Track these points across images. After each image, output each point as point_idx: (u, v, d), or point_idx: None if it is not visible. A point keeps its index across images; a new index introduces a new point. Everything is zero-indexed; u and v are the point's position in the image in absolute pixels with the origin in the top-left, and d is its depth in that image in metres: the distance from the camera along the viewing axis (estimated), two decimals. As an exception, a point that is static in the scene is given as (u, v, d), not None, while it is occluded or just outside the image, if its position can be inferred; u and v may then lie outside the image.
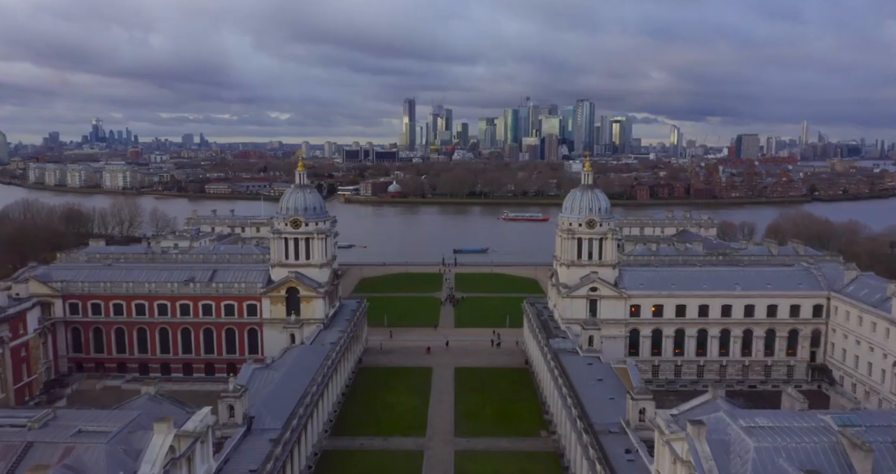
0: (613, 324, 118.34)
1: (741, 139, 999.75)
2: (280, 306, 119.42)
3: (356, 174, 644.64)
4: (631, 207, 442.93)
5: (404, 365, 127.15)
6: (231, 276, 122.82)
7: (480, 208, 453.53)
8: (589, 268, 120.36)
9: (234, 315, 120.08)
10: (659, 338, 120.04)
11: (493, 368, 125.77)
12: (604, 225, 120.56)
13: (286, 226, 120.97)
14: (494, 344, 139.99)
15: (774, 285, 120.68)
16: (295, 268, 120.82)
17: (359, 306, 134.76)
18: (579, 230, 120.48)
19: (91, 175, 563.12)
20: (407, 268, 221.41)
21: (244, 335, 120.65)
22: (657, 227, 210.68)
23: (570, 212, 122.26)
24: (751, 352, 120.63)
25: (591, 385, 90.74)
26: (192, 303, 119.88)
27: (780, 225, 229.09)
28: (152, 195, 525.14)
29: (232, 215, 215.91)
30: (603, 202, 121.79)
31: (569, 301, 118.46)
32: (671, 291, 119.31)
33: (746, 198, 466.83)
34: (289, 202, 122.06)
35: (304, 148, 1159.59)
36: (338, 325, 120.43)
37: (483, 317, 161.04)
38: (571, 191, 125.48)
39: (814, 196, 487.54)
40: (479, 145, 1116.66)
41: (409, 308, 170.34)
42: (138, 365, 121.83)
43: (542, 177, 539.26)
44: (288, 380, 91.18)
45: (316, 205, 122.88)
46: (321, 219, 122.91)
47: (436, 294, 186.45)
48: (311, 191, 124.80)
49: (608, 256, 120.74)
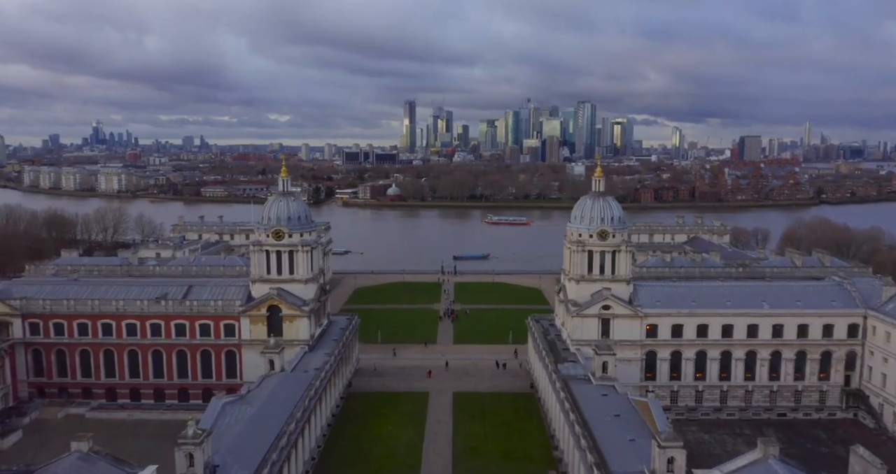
0: (628, 346, 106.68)
1: (744, 141, 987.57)
2: (261, 326, 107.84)
3: (355, 176, 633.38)
4: (635, 211, 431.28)
5: (398, 389, 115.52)
6: (207, 293, 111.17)
7: (481, 212, 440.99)
8: (601, 284, 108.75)
9: (210, 336, 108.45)
10: (678, 360, 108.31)
11: (495, 393, 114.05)
12: (617, 236, 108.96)
13: (268, 238, 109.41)
14: (500, 365, 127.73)
15: (805, 302, 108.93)
16: (277, 283, 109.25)
17: (349, 324, 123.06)
18: (590, 242, 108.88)
19: (86, 178, 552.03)
20: (404, 276, 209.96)
21: (221, 358, 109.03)
22: (667, 234, 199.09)
23: (580, 221, 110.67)
24: (779, 377, 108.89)
25: (607, 421, 79.08)
26: (163, 323, 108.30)
27: (794, 231, 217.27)
28: (147, 198, 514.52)
29: (220, 222, 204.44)
30: (615, 211, 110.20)
31: (579, 320, 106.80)
32: (692, 309, 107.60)
33: (753, 201, 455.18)
34: (270, 211, 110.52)
35: (303, 150, 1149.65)
36: (324, 347, 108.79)
37: (484, 333, 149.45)
38: (581, 199, 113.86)
39: (821, 199, 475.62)
40: (479, 147, 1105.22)
41: (404, 322, 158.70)
42: (105, 391, 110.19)
43: (543, 180, 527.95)
44: (262, 417, 79.55)
45: (301, 215, 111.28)
46: (306, 229, 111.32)
47: (433, 306, 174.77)
48: (295, 199, 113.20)
49: (622, 271, 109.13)
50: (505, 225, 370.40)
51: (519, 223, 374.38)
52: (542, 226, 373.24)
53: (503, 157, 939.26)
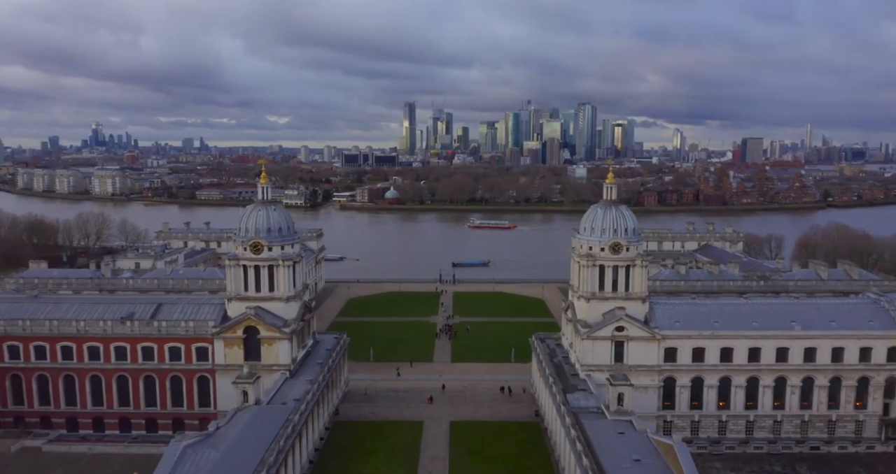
0: (644, 372, 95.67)
1: (746, 143, 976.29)
2: (236, 349, 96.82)
3: (354, 179, 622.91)
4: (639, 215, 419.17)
5: (390, 417, 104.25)
6: (178, 312, 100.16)
7: (481, 215, 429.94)
8: (613, 302, 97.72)
9: (180, 360, 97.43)
10: (699, 387, 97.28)
11: (496, 422, 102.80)
12: (631, 249, 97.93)
13: (245, 252, 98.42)
14: (505, 390, 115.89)
15: (839, 323, 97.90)
16: (256, 302, 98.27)
17: (337, 343, 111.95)
18: (601, 256, 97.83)
19: (80, 181, 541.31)
20: (400, 285, 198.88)
21: (193, 384, 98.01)
22: (677, 242, 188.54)
23: (590, 233, 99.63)
24: (811, 405, 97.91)
25: (626, 469, 68.16)
26: (129, 346, 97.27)
27: (809, 238, 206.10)
28: (142, 201, 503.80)
29: (207, 228, 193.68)
30: (630, 222, 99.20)
31: (590, 343, 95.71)
32: (714, 331, 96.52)
33: (758, 204, 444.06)
34: (248, 222, 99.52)
35: (303, 152, 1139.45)
36: (308, 372, 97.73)
37: (484, 350, 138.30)
38: (591, 209, 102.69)
39: (828, 202, 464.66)
40: (479, 149, 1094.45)
41: (399, 337, 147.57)
42: (65, 421, 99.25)
43: (544, 183, 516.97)
44: (229, 462, 68.60)
45: (282, 226, 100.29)
46: (288, 241, 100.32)
47: (430, 319, 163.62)
48: (276, 208, 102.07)
49: (637, 287, 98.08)
50: (487, 229, 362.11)
51: (502, 227, 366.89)
52: (524, 231, 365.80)
53: (503, 159, 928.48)
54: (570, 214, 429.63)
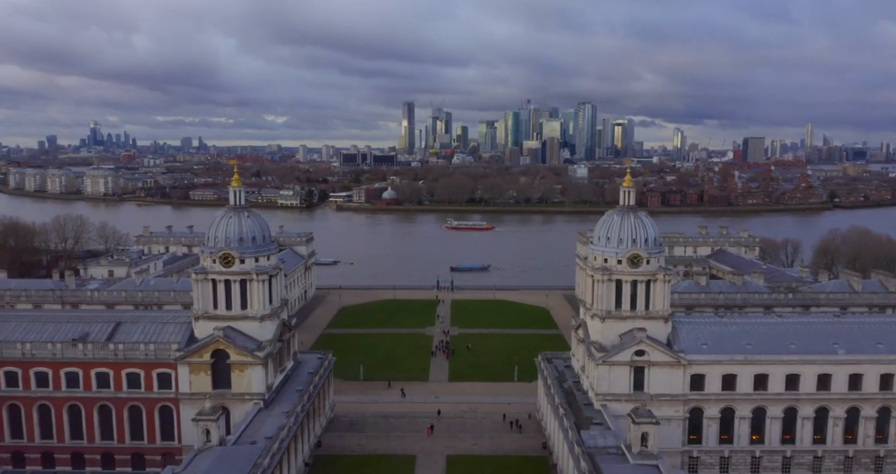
0: (667, 402, 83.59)
1: (747, 142, 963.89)
2: (203, 376, 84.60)
3: (351, 179, 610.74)
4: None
5: (378, 450, 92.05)
6: (139, 332, 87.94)
7: (481, 216, 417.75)
8: (632, 322, 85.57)
9: (140, 387, 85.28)
10: (730, 419, 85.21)
11: (499, 457, 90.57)
12: (652, 262, 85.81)
13: (214, 264, 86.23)
14: (513, 426, 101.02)
15: (888, 345, 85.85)
16: (226, 321, 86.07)
17: (321, 365, 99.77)
18: (618, 269, 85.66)
19: (72, 181, 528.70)
20: (396, 293, 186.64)
21: (154, 415, 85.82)
22: (689, 247, 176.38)
23: (606, 243, 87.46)
24: (856, 439, 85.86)
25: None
26: (82, 372, 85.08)
27: (828, 243, 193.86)
28: (135, 201, 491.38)
29: (190, 232, 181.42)
30: (650, 230, 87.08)
31: (605, 369, 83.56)
32: (747, 355, 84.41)
33: (764, 205, 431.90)
34: (217, 230, 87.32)
35: (301, 151, 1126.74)
36: (285, 402, 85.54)
37: (485, 367, 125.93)
38: (606, 216, 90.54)
39: (834, 203, 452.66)
40: (479, 149, 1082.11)
41: (393, 352, 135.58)
42: (11, 456, 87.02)
43: (544, 183, 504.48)
44: (179, 525, 56.54)
45: (256, 235, 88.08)
46: (263, 252, 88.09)
47: (427, 330, 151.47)
48: (250, 215, 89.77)
49: (659, 305, 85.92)
50: (466, 230, 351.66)
51: (479, 228, 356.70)
52: (502, 233, 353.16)
53: (503, 159, 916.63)
54: (570, 216, 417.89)
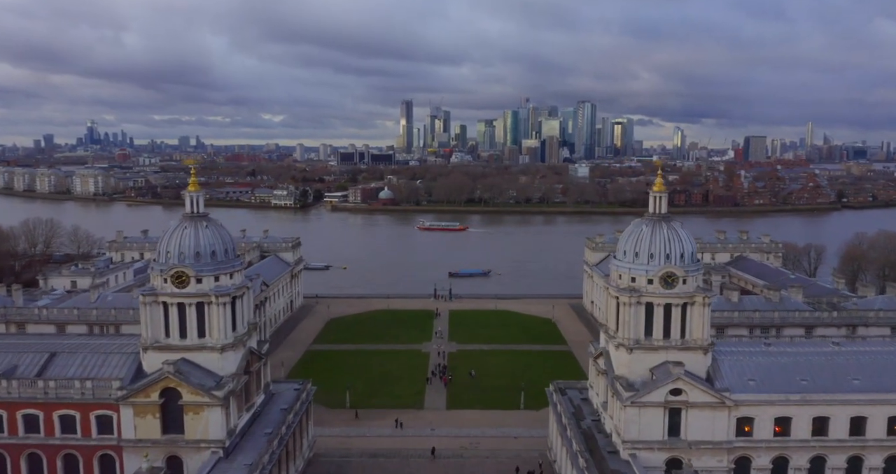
0: (709, 450, 69.08)
1: (749, 141, 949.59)
2: (151, 420, 69.91)
3: (348, 178, 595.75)
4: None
5: (363, 502, 77.74)
6: (76, 366, 73.24)
7: (480, 217, 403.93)
8: (665, 354, 71.13)
9: (76, 433, 70.66)
10: (783, 471, 70.74)
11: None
12: (689, 281, 71.37)
13: (165, 284, 71.59)
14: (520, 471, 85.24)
15: (972, 380, 71.47)
16: (179, 352, 71.48)
17: (297, 398, 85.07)
18: (649, 290, 71.16)
19: (62, 180, 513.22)
20: (389, 302, 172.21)
21: (94, 466, 71.19)
22: (706, 253, 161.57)
23: (633, 259, 72.93)
24: (934, 493, 71.52)
25: None
26: (6, 414, 70.47)
27: (854, 249, 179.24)
28: (125, 202, 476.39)
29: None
30: (687, 244, 72.68)
31: (634, 412, 68.97)
32: (804, 393, 69.91)
33: (771, 205, 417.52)
34: (170, 244, 72.64)
35: (298, 150, 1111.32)
36: (250, 449, 70.83)
37: (487, 392, 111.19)
38: (633, 226, 75.90)
39: (842, 203, 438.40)
40: (477, 147, 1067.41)
41: (385, 373, 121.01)
42: (-78, 513, 72.49)
43: (545, 183, 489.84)
44: None
45: (217, 248, 73.41)
46: (225, 269, 73.43)
47: (423, 347, 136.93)
48: (209, 225, 74.98)
49: (697, 333, 71.48)
50: (438, 231, 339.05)
51: (452, 229, 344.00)
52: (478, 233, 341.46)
53: (502, 158, 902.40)
54: (572, 216, 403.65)
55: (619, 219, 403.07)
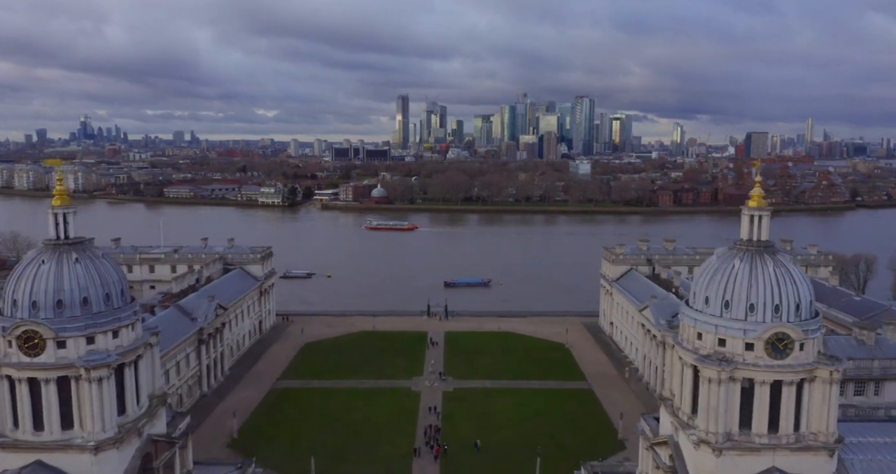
0: None
1: (750, 137, 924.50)
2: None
3: (341, 174, 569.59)
4: (655, 218, 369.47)
5: None
6: None
7: (478, 217, 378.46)
8: (771, 457, 46.17)
9: None
10: None
11: None
12: (808, 347, 46.35)
13: (10, 349, 46.33)
14: None
15: None
16: (34, 452, 46.31)
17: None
18: (748, 360, 46.11)
19: (40, 176, 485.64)
20: (376, 321, 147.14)
21: None
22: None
23: (721, 310, 47.76)
24: None
25: None
26: None
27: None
28: (106, 199, 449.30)
29: (114, 247, 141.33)
30: (803, 289, 47.57)
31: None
32: None
33: (783, 204, 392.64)
34: (18, 288, 47.36)
35: (292, 145, 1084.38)
36: None
37: (493, 456, 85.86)
38: (718, 258, 50.46)
39: (857, 202, 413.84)
40: (474, 143, 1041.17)
41: (365, 419, 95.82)
42: None
43: (545, 180, 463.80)
44: None
45: (91, 293, 48.14)
46: (106, 325, 48.16)
47: (413, 383, 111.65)
48: (82, 257, 49.66)
49: (819, 424, 46.51)
50: (386, 230, 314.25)
51: (400, 228, 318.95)
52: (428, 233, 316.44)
53: (499, 154, 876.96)
54: (574, 216, 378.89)
55: (623, 219, 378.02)
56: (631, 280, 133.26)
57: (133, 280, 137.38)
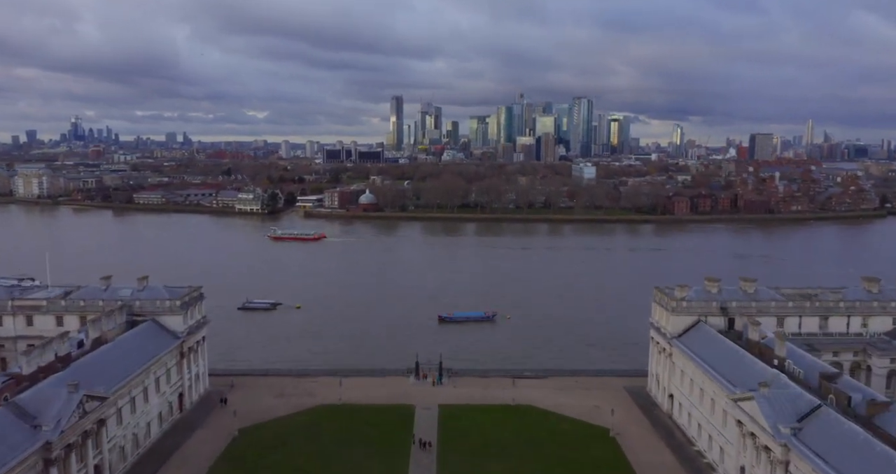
0: None
1: (754, 139, 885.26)
2: None
3: (330, 177, 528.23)
4: (668, 226, 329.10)
5: None
6: None
7: (476, 226, 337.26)
8: None
9: None
10: None
11: None
12: None
13: None
14: None
15: None
16: None
17: None
18: None
19: (4, 181, 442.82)
20: (345, 387, 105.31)
21: None
22: (853, 316, 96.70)
23: None
24: None
25: None
26: None
27: None
28: (71, 205, 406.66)
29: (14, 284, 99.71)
30: None
31: None
32: None
33: (810, 212, 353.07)
34: None
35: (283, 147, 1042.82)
36: None
37: None
38: None
39: (887, 208, 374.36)
40: (470, 145, 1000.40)
41: None
42: None
43: (547, 184, 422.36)
44: None
45: None
46: None
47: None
48: None
49: None
50: (291, 240, 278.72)
51: (307, 238, 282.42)
52: (338, 243, 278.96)
53: (496, 155, 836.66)
54: (580, 224, 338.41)
55: (634, 228, 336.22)
56: (703, 340, 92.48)
57: (2, 337, 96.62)
